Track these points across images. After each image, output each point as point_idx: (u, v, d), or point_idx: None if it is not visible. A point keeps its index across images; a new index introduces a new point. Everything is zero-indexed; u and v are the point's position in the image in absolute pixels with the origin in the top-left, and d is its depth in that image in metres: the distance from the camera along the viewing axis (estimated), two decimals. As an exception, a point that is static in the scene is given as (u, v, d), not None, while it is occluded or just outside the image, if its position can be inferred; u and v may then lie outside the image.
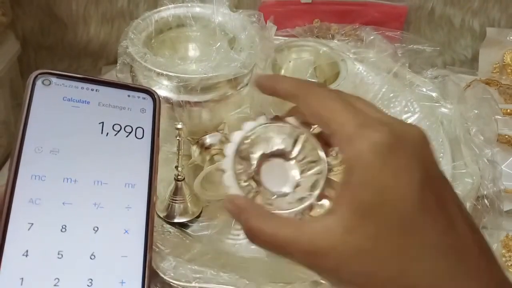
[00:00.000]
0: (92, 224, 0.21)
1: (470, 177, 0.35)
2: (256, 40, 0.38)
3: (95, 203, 0.22)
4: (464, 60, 0.60)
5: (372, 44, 0.48)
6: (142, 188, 0.23)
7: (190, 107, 0.36)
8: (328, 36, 0.51)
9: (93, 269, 0.21)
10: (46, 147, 0.22)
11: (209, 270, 0.28)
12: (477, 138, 0.38)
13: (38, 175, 0.21)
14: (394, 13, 0.56)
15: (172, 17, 0.40)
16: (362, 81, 0.46)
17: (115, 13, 0.55)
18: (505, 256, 0.39)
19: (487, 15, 0.56)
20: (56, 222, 0.21)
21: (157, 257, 0.28)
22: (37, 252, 0.20)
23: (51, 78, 0.23)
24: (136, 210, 0.22)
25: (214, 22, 0.40)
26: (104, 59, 0.57)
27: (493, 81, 0.53)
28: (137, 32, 0.38)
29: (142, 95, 0.25)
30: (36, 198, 0.21)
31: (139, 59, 0.35)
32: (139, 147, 0.24)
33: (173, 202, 0.37)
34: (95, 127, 0.23)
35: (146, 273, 0.21)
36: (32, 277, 0.20)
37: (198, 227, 0.37)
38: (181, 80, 0.35)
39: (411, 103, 0.44)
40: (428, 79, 0.46)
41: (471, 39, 0.58)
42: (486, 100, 0.42)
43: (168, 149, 0.36)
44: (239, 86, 0.37)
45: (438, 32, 0.58)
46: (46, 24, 0.55)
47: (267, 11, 0.51)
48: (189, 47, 0.43)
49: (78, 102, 0.23)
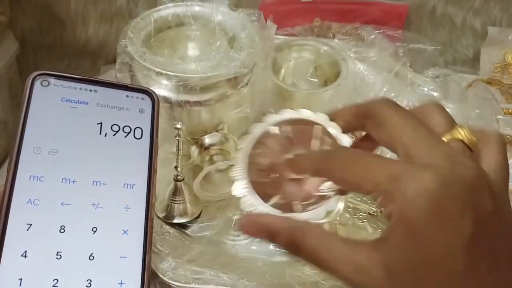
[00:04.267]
0: (91, 224, 0.21)
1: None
2: (256, 39, 0.38)
3: (94, 204, 0.22)
4: (465, 60, 0.59)
5: (373, 43, 0.48)
6: (141, 188, 0.23)
7: (190, 106, 0.36)
8: (329, 35, 0.51)
9: (92, 270, 0.20)
10: (45, 148, 0.22)
11: (209, 271, 0.28)
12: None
13: (36, 175, 0.21)
14: (395, 12, 0.56)
15: (171, 16, 0.40)
16: (363, 80, 0.46)
17: (114, 12, 0.55)
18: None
19: (488, 14, 0.56)
20: (55, 222, 0.21)
21: (156, 257, 0.28)
22: (36, 253, 0.20)
23: (50, 79, 0.23)
24: (135, 210, 0.22)
25: (214, 21, 0.40)
26: (103, 58, 0.57)
27: (495, 80, 0.53)
28: (136, 31, 0.38)
29: (141, 96, 0.25)
30: (34, 199, 0.21)
31: (138, 58, 0.35)
32: (138, 147, 0.24)
33: (172, 202, 0.37)
34: (94, 128, 0.23)
35: (145, 274, 0.21)
36: (30, 278, 0.20)
37: (198, 228, 0.37)
38: (181, 79, 0.34)
39: (412, 102, 0.44)
40: (430, 79, 0.45)
41: (473, 39, 0.58)
42: (488, 100, 0.42)
43: (167, 149, 0.36)
44: (239, 85, 0.37)
45: (440, 31, 0.58)
46: (45, 24, 0.55)
47: (267, 10, 0.51)
48: (188, 46, 0.42)
49: (76, 103, 0.23)
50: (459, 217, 0.16)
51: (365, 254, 0.17)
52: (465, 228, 0.16)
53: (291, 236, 0.18)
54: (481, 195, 0.16)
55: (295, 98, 0.42)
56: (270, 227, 0.19)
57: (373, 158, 0.18)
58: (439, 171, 0.16)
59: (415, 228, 0.16)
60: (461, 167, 0.17)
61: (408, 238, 0.16)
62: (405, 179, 0.16)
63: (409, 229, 0.16)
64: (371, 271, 0.17)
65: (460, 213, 0.16)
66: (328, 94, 0.41)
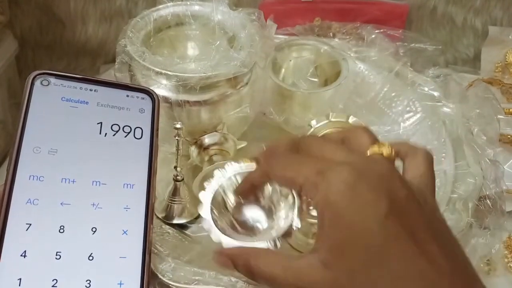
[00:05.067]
0: (91, 225, 0.21)
1: (472, 178, 0.35)
2: (256, 38, 0.38)
3: (94, 204, 0.22)
4: (466, 59, 0.59)
5: (373, 43, 0.48)
6: (141, 188, 0.23)
7: (189, 106, 0.36)
8: (329, 35, 0.50)
9: (91, 270, 0.20)
10: (45, 148, 0.22)
11: (208, 272, 0.28)
12: (479, 138, 0.38)
13: (36, 175, 0.21)
14: (395, 12, 0.56)
15: (171, 16, 0.40)
16: (364, 80, 0.46)
17: (114, 12, 0.55)
18: (508, 257, 0.39)
19: (489, 13, 0.56)
20: (54, 222, 0.21)
21: (155, 258, 0.28)
22: (35, 253, 0.20)
23: (50, 79, 0.23)
24: (134, 210, 0.22)
25: (214, 20, 0.40)
26: (102, 58, 0.57)
27: (496, 80, 0.53)
28: (136, 31, 0.38)
29: (141, 95, 0.25)
30: (34, 199, 0.21)
31: (137, 58, 0.35)
32: (138, 147, 0.24)
33: (172, 202, 0.37)
34: (94, 128, 0.23)
35: (145, 275, 0.21)
36: (30, 277, 0.20)
37: (197, 228, 0.36)
38: (180, 79, 0.34)
39: (412, 102, 0.44)
40: (430, 78, 0.45)
41: (473, 38, 0.58)
42: (488, 100, 0.41)
43: (167, 149, 0.36)
44: (239, 85, 0.37)
45: (440, 31, 0.58)
46: (44, 23, 0.55)
47: (267, 9, 0.51)
48: (188, 46, 0.42)
49: (76, 102, 0.23)
50: (374, 200, 0.19)
51: (304, 260, 0.20)
52: (380, 208, 0.18)
53: (245, 262, 0.21)
54: (393, 183, 0.19)
55: (295, 97, 0.42)
56: (231, 258, 0.22)
57: (305, 158, 0.22)
58: (356, 166, 0.20)
59: (338, 211, 0.19)
60: (374, 163, 0.20)
61: (334, 222, 0.19)
62: (328, 172, 0.20)
63: (333, 213, 0.19)
64: (311, 272, 0.19)
65: (375, 196, 0.19)
66: (329, 93, 0.41)
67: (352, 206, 0.19)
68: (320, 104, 0.41)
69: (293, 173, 0.21)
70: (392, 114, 0.45)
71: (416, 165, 0.22)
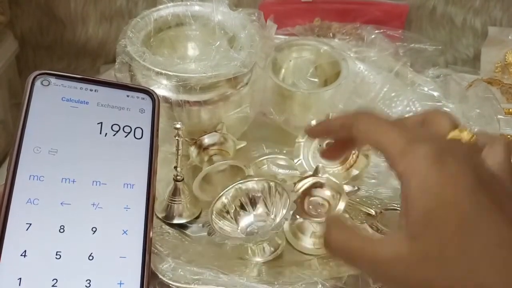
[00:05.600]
0: (91, 224, 0.21)
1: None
2: (256, 39, 0.38)
3: (94, 204, 0.22)
4: (466, 59, 0.59)
5: (373, 43, 0.48)
6: (141, 188, 0.23)
7: (189, 106, 0.36)
8: (329, 35, 0.51)
9: (91, 270, 0.20)
10: (45, 148, 0.22)
11: (208, 272, 0.28)
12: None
13: (36, 175, 0.21)
14: (395, 12, 0.56)
15: (171, 16, 0.40)
16: (363, 80, 0.46)
17: (114, 12, 0.55)
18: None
19: (488, 14, 0.56)
20: (54, 222, 0.21)
21: (156, 258, 0.28)
22: (35, 253, 0.20)
23: (50, 79, 0.23)
24: (135, 210, 0.22)
25: (214, 20, 0.40)
26: (102, 58, 0.57)
27: (495, 80, 0.53)
28: (136, 31, 0.38)
29: (141, 95, 0.25)
30: (34, 199, 0.21)
31: (137, 58, 0.35)
32: (138, 147, 0.24)
33: (172, 202, 0.37)
34: (94, 128, 0.23)
35: (145, 274, 0.21)
36: (30, 277, 0.19)
37: (197, 228, 0.37)
38: (180, 79, 0.34)
39: (412, 102, 0.44)
40: (430, 78, 0.45)
41: (473, 38, 0.58)
42: (488, 100, 0.42)
43: (167, 149, 0.36)
44: (239, 85, 0.37)
45: (440, 31, 0.58)
46: (44, 23, 0.55)
47: (267, 9, 0.51)
48: (188, 46, 0.42)
49: (77, 102, 0.23)
50: (462, 172, 0.19)
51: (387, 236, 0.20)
52: (469, 180, 0.19)
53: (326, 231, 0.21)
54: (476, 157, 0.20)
55: (295, 98, 0.42)
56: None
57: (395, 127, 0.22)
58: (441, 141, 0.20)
59: (427, 180, 0.19)
60: (456, 143, 0.21)
61: (421, 191, 0.19)
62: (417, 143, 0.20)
63: (421, 182, 0.19)
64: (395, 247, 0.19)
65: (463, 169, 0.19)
66: (329, 94, 0.41)
67: (441, 176, 0.19)
68: (320, 104, 0.41)
69: (381, 134, 0.21)
70: (392, 114, 0.45)
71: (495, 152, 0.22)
